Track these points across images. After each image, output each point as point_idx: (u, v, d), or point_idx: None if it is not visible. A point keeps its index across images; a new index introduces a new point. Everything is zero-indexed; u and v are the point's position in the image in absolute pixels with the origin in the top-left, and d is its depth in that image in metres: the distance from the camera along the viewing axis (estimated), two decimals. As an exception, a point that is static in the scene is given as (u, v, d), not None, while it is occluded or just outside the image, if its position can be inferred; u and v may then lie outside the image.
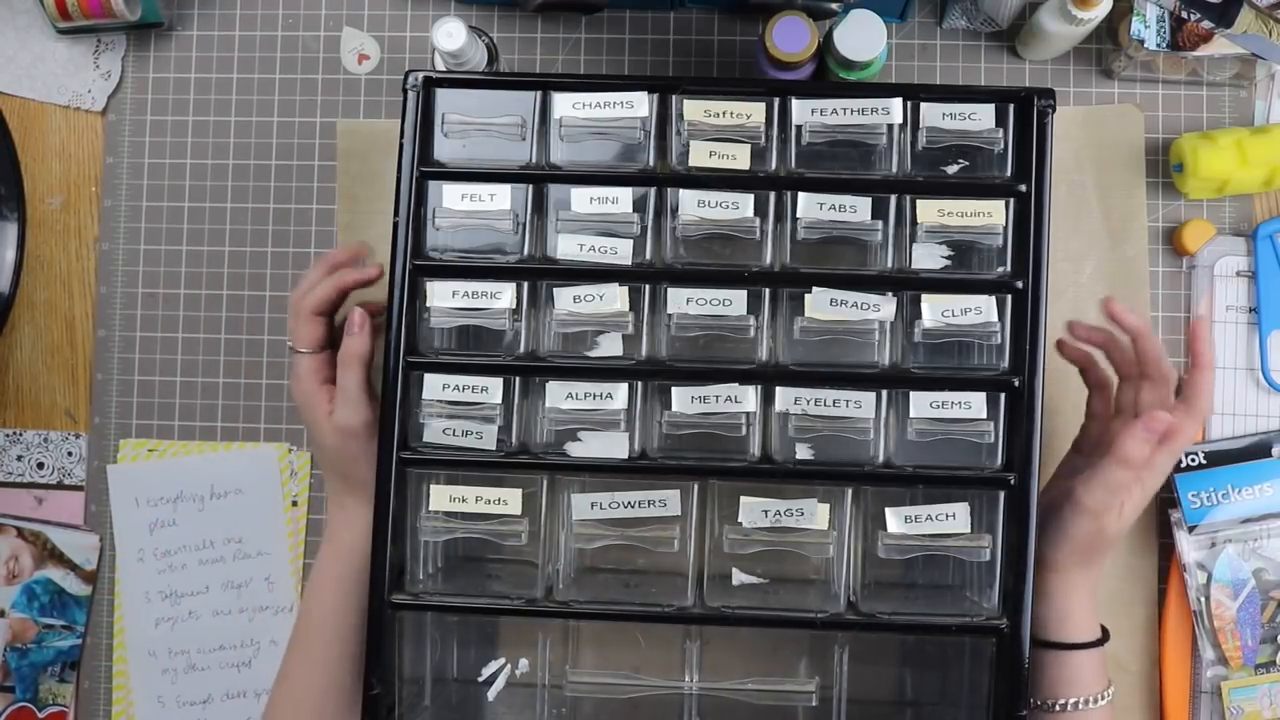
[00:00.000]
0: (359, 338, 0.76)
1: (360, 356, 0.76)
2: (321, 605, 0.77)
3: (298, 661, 0.78)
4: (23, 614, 0.92)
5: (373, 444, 0.75)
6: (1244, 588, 0.86)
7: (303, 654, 0.78)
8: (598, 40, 0.93)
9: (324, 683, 0.77)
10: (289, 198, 0.93)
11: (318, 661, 0.77)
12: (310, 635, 0.77)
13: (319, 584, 0.78)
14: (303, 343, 0.78)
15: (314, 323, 0.78)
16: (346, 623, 0.76)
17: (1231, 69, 0.88)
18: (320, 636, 0.77)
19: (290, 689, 0.78)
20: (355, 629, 0.76)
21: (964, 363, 0.74)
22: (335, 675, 0.77)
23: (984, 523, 0.72)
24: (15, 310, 0.94)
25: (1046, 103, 0.72)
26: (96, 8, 0.89)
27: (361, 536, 0.76)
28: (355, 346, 0.76)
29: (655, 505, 0.72)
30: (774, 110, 0.74)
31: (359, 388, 0.76)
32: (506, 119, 0.75)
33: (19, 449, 0.94)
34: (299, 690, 0.77)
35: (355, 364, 0.76)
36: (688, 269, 0.74)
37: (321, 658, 0.77)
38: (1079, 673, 0.73)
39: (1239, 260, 0.89)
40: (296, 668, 0.78)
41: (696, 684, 0.75)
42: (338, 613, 0.77)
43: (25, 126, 0.95)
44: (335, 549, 0.78)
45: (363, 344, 0.76)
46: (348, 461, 0.77)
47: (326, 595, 0.77)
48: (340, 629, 0.77)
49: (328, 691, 0.77)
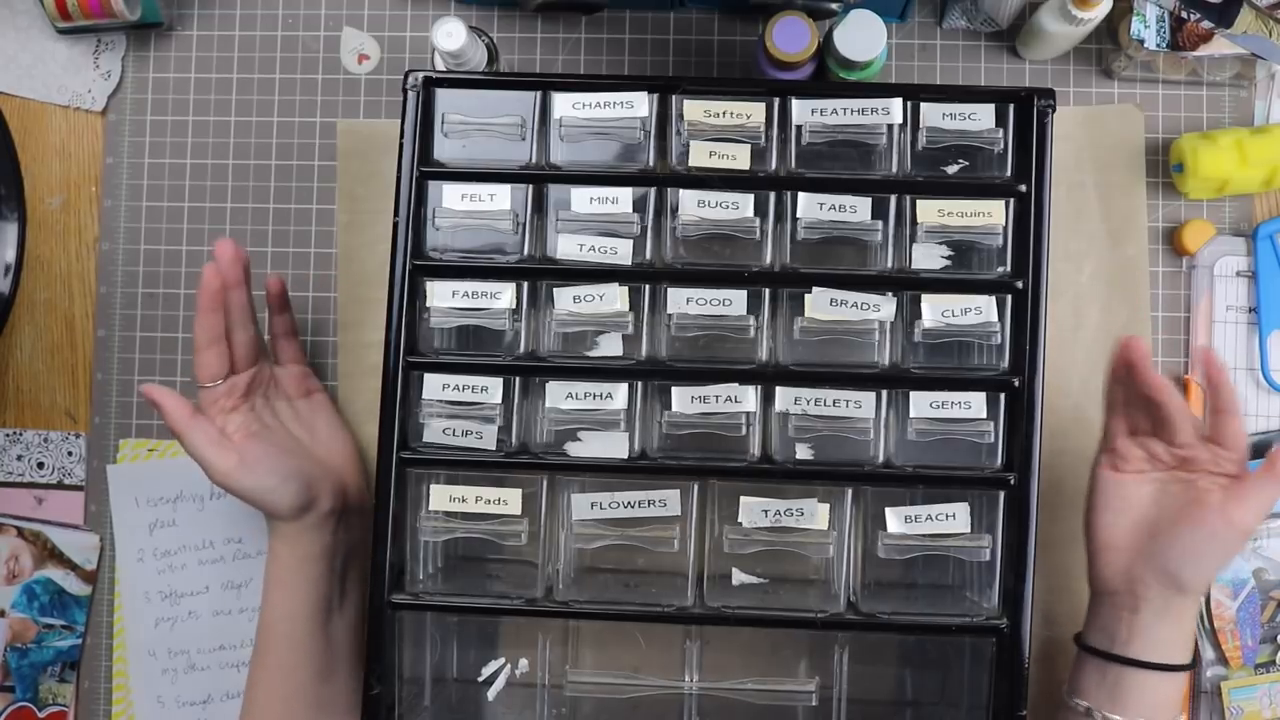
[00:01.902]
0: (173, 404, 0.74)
1: (179, 421, 0.74)
2: (269, 612, 0.78)
3: (257, 668, 0.79)
4: (23, 614, 0.92)
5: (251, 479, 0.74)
6: (1244, 588, 0.86)
7: (261, 661, 0.79)
8: (598, 40, 0.93)
9: (284, 688, 0.78)
10: (289, 198, 0.93)
11: (275, 667, 0.78)
12: (265, 642, 0.78)
13: (265, 592, 0.79)
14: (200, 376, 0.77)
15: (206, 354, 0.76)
16: (297, 627, 0.77)
17: (1231, 69, 0.88)
18: (273, 643, 0.78)
19: (255, 695, 0.79)
20: (307, 633, 0.77)
21: (964, 363, 0.75)
22: (294, 679, 0.78)
23: (984, 523, 0.72)
24: (15, 310, 0.94)
25: (1046, 103, 0.72)
26: (96, 8, 0.89)
27: (287, 542, 0.77)
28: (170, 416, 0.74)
29: (655, 505, 0.72)
30: (774, 110, 0.74)
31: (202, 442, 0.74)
32: (506, 119, 0.75)
33: (19, 449, 0.94)
34: (262, 696, 0.78)
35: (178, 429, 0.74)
36: (688, 269, 0.74)
37: (278, 663, 0.78)
38: (1171, 695, 0.72)
39: (1239, 260, 0.89)
40: (257, 673, 0.79)
41: (696, 684, 0.75)
42: (285, 618, 0.78)
43: (25, 126, 0.95)
44: (270, 557, 0.79)
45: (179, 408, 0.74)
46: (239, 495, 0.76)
47: (272, 601, 0.78)
48: (291, 633, 0.77)
49: (289, 696, 0.78)
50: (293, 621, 0.77)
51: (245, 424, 0.78)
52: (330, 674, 0.78)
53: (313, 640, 0.77)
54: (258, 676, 0.79)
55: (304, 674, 0.77)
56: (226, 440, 0.75)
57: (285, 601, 0.78)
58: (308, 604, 0.77)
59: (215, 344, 0.77)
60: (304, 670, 0.77)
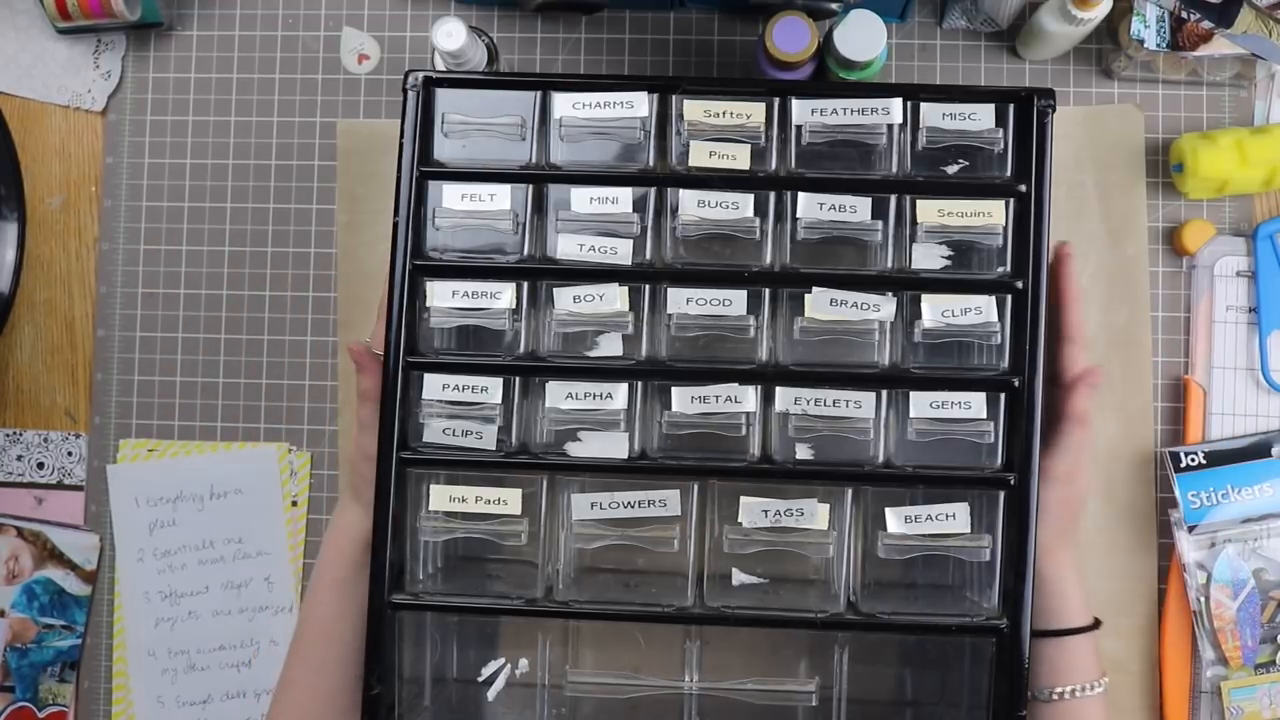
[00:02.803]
0: (366, 375, 0.75)
1: (368, 392, 0.75)
2: (321, 609, 0.77)
3: (299, 667, 0.77)
4: (23, 614, 0.92)
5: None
6: (1244, 588, 0.86)
7: (304, 659, 0.77)
8: (598, 40, 0.93)
9: (327, 687, 0.77)
10: (289, 198, 0.93)
11: (319, 666, 0.77)
12: (311, 640, 0.77)
13: (318, 588, 0.78)
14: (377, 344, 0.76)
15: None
16: (348, 626, 0.76)
17: (1231, 69, 0.88)
18: (321, 641, 0.77)
19: (293, 694, 0.77)
20: (356, 632, 0.76)
21: (964, 363, 0.74)
22: (338, 679, 0.76)
23: (984, 523, 0.72)
24: (15, 310, 0.94)
25: (1046, 103, 0.72)
26: (96, 8, 0.89)
27: (358, 542, 0.76)
28: (364, 383, 0.76)
29: (655, 505, 0.72)
30: (774, 110, 0.74)
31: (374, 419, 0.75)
32: (506, 119, 0.75)
33: (19, 449, 0.94)
34: (302, 695, 0.77)
35: (367, 399, 0.76)
36: (688, 269, 0.74)
37: (322, 662, 0.77)
38: (1075, 659, 0.73)
39: (1239, 260, 0.89)
40: (298, 673, 0.77)
41: (696, 684, 0.75)
42: (338, 618, 0.77)
43: (25, 126, 0.95)
44: (334, 554, 0.78)
45: (378, 380, 0.75)
46: (360, 479, 0.76)
47: (325, 599, 0.77)
48: (342, 633, 0.76)
49: (331, 695, 0.77)
50: (346, 622, 0.76)
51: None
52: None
53: (359, 642, 0.76)
54: (297, 676, 0.77)
55: (348, 676, 0.76)
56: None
57: (341, 602, 0.76)
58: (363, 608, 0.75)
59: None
60: (348, 673, 0.76)
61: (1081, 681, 0.72)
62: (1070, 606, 0.73)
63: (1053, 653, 0.73)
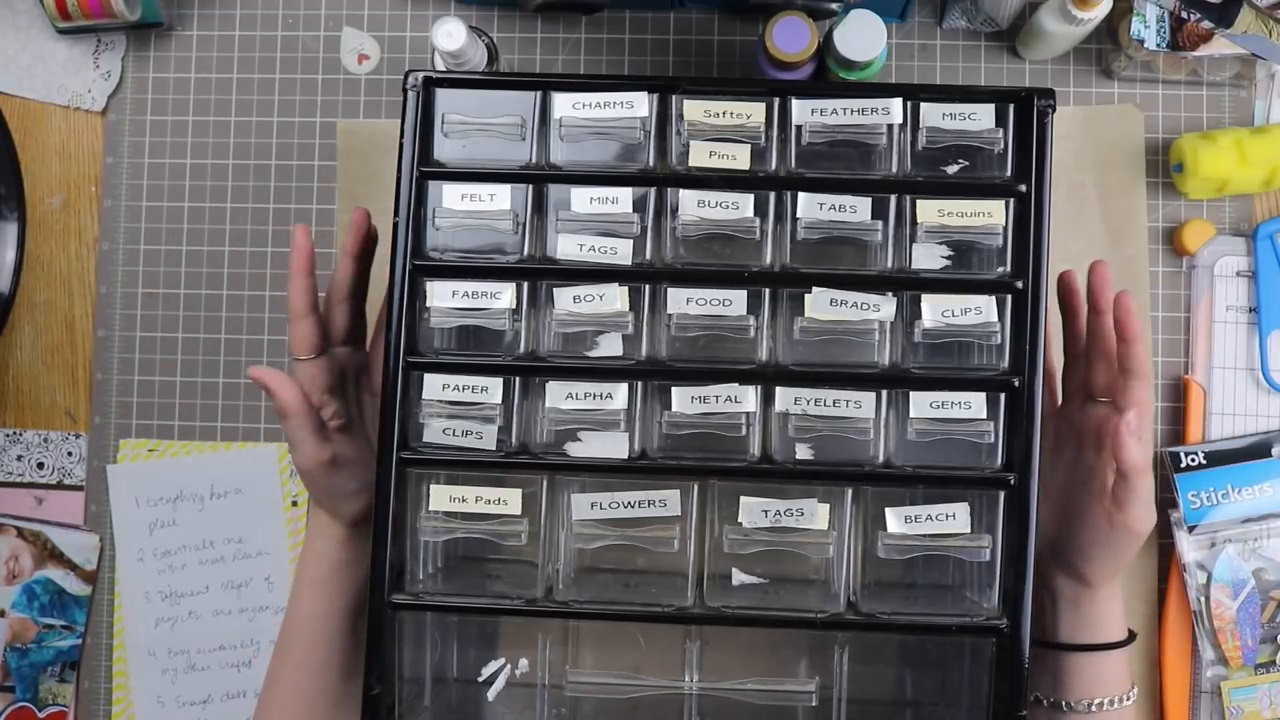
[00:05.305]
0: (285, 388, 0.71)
1: (289, 407, 0.72)
2: (301, 608, 0.78)
3: (283, 666, 0.78)
4: (23, 614, 0.92)
5: (335, 479, 0.74)
6: (1244, 588, 0.86)
7: (287, 658, 0.78)
8: (598, 40, 0.93)
9: (310, 686, 0.77)
10: (289, 198, 0.93)
11: (302, 665, 0.77)
12: (293, 639, 0.78)
13: (299, 588, 0.78)
14: (295, 347, 0.74)
15: (302, 323, 0.74)
16: (329, 626, 0.77)
17: (1231, 69, 0.88)
18: (303, 640, 0.77)
19: (277, 693, 0.78)
20: (339, 632, 0.77)
21: (964, 363, 0.74)
22: (321, 678, 0.77)
23: (984, 523, 0.72)
24: (15, 310, 0.94)
25: (1046, 103, 0.72)
26: (96, 8, 0.89)
27: (335, 544, 0.76)
28: (277, 401, 0.72)
29: (655, 505, 0.72)
30: (774, 110, 0.74)
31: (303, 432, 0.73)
32: (506, 119, 0.75)
33: (19, 449, 0.94)
34: (286, 694, 0.78)
35: (285, 414, 0.72)
36: (688, 269, 0.74)
37: (306, 661, 0.77)
38: (1110, 672, 0.73)
39: (1239, 260, 0.89)
40: (282, 672, 0.78)
41: (696, 684, 0.75)
42: (319, 616, 0.77)
43: (25, 126, 0.95)
44: (311, 554, 0.78)
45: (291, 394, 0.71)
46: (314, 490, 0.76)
47: (306, 599, 0.78)
48: (324, 632, 0.77)
49: (314, 695, 0.77)
50: (326, 620, 0.77)
51: (338, 410, 0.76)
52: (355, 674, 0.78)
53: (342, 640, 0.77)
54: (281, 674, 0.78)
55: (332, 674, 0.77)
56: (326, 432, 0.74)
57: (320, 600, 0.77)
58: (344, 605, 0.77)
59: (311, 313, 0.74)
60: (332, 670, 0.77)
61: (1117, 693, 0.73)
62: (1114, 623, 0.74)
63: (1094, 666, 0.73)
